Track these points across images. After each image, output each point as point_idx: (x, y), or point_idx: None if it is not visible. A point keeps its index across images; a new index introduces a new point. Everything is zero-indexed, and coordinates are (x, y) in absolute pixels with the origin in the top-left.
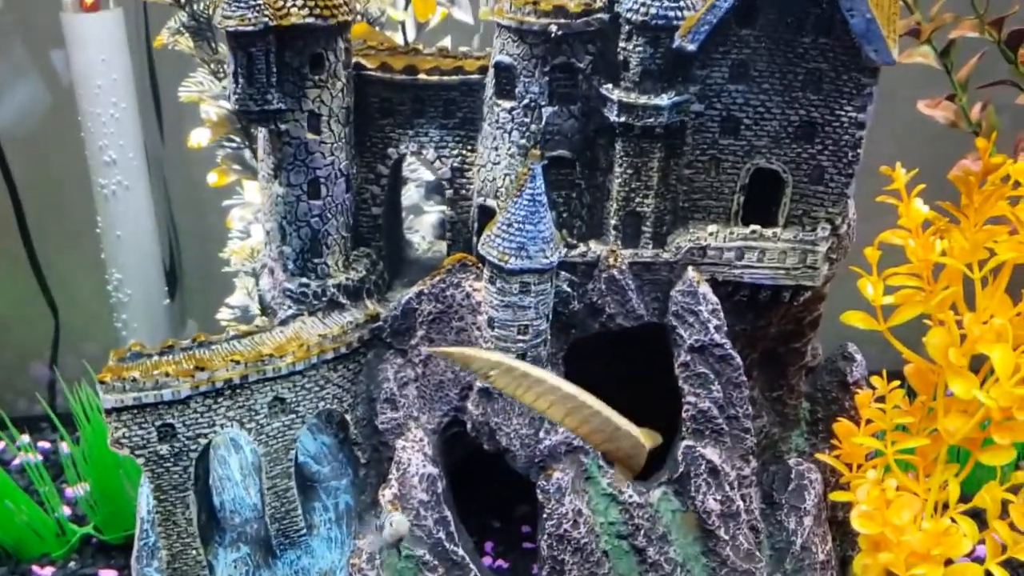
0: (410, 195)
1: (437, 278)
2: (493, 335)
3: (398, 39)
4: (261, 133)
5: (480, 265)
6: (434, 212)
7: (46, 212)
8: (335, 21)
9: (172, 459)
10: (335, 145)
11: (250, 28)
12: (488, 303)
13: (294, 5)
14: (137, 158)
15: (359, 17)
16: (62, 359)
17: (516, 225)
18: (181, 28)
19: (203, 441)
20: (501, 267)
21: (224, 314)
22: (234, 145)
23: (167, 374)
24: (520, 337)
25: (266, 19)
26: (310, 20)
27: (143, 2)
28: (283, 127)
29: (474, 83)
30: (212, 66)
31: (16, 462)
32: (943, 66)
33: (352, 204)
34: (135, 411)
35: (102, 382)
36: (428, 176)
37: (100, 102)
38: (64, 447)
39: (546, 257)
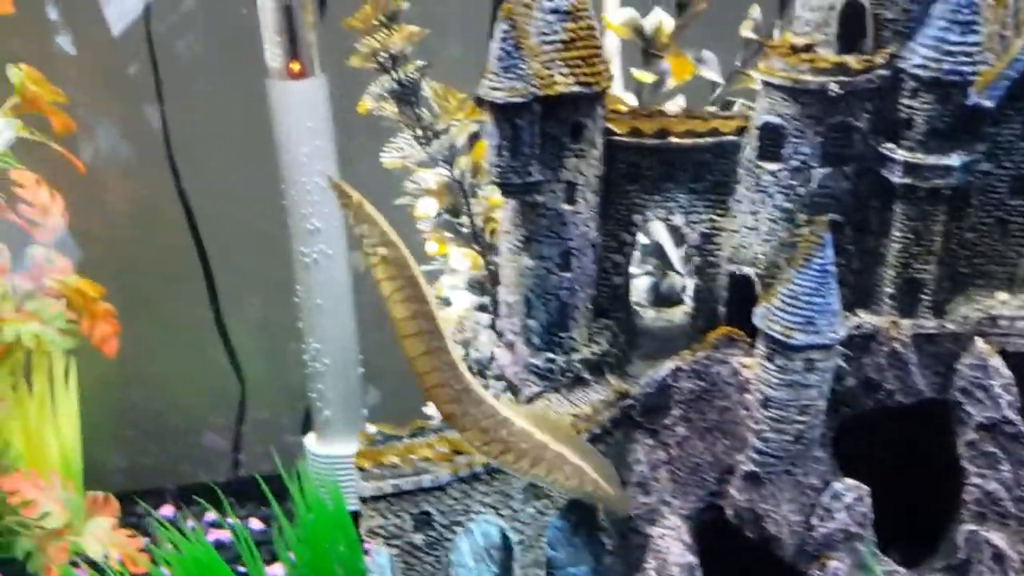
0: None
1: (700, 354)
2: (768, 416)
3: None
4: (509, 204)
5: (748, 340)
6: (644, 276)
7: (238, 280)
8: (598, 88)
9: (427, 549)
10: (588, 215)
11: (519, 100)
12: (764, 381)
13: (560, 73)
14: (339, 226)
15: None
16: (247, 428)
17: (803, 298)
18: (385, 94)
19: (458, 529)
20: (785, 343)
21: None
22: (438, 213)
23: (426, 458)
24: (799, 418)
25: (535, 89)
26: (575, 88)
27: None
28: (540, 199)
29: (728, 145)
30: (416, 132)
31: (213, 538)
32: None
33: (595, 274)
34: (392, 499)
35: (361, 469)
36: (643, 239)
37: (304, 170)
38: (257, 523)
39: (834, 332)
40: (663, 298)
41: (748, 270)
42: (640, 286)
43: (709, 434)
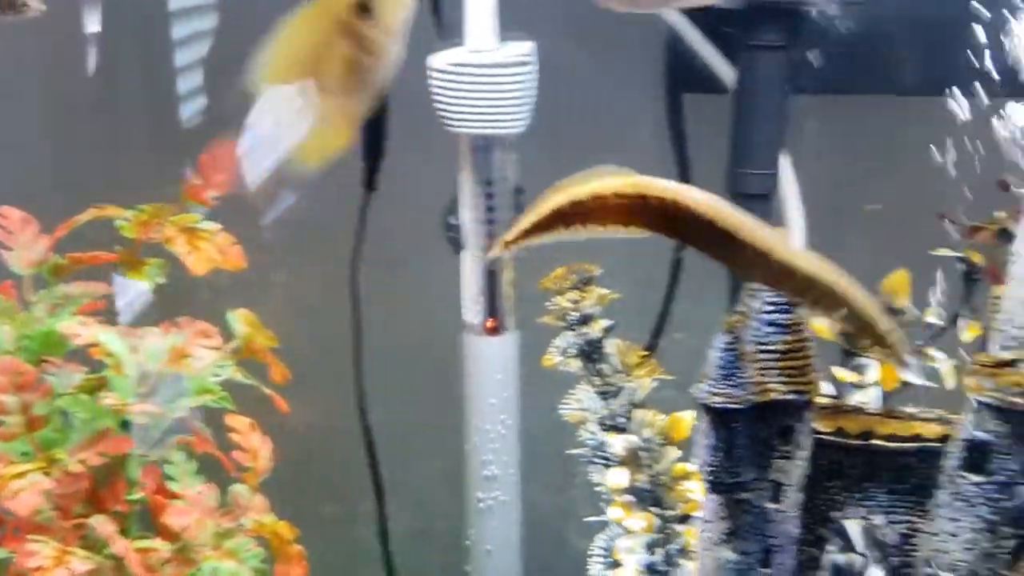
0: None
1: None
2: None
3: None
4: (714, 497)
5: None
6: (828, 555)
7: (408, 515)
8: (809, 397)
9: None
10: (790, 513)
11: (736, 406)
12: None
13: (775, 381)
14: (516, 473)
15: None
16: None
17: None
18: (570, 349)
19: None
20: None
21: None
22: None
23: None
24: None
25: (751, 397)
26: (789, 396)
27: None
28: (746, 496)
29: (931, 451)
30: (598, 386)
31: None
32: None
33: (794, 569)
34: None
35: None
36: None
37: (490, 418)
38: None
39: None
40: (842, 574)
41: (946, 575)
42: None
43: None
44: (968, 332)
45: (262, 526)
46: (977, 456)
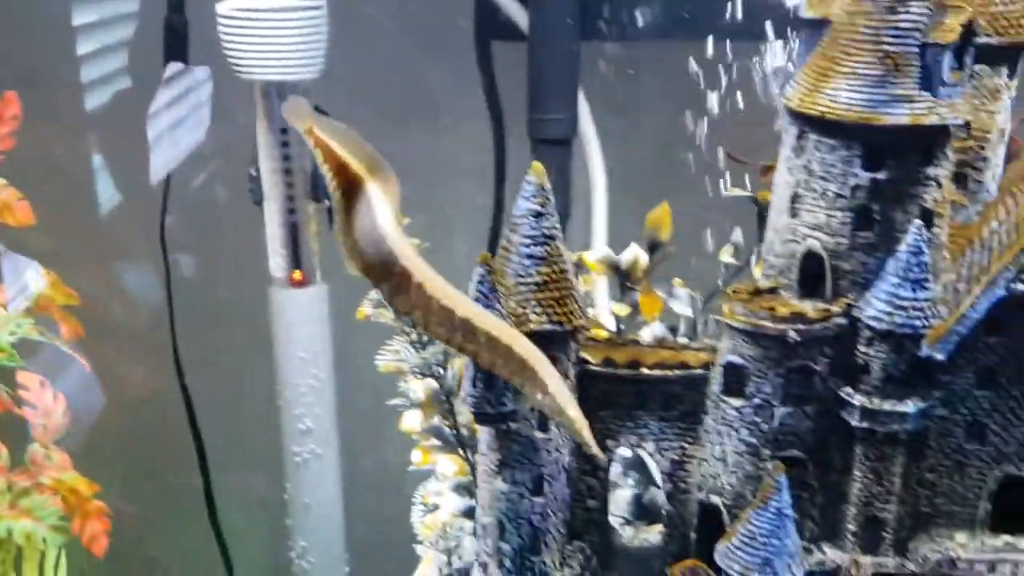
0: None
1: None
2: None
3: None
4: (485, 429)
5: (713, 573)
6: (627, 489)
7: (231, 478)
8: (569, 326)
9: None
10: (561, 442)
11: None
12: None
13: (533, 312)
14: (331, 427)
15: None
16: None
17: (761, 539)
18: (382, 301)
19: None
20: None
21: None
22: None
23: None
24: None
25: None
26: (547, 327)
27: None
28: (513, 426)
29: (696, 378)
30: (412, 336)
31: None
32: None
33: (570, 498)
34: None
35: None
36: (625, 452)
37: (300, 372)
38: None
39: (792, 573)
40: (645, 511)
41: (716, 500)
42: (622, 498)
43: None
44: (758, 269)
45: (60, 483)
46: (734, 380)
